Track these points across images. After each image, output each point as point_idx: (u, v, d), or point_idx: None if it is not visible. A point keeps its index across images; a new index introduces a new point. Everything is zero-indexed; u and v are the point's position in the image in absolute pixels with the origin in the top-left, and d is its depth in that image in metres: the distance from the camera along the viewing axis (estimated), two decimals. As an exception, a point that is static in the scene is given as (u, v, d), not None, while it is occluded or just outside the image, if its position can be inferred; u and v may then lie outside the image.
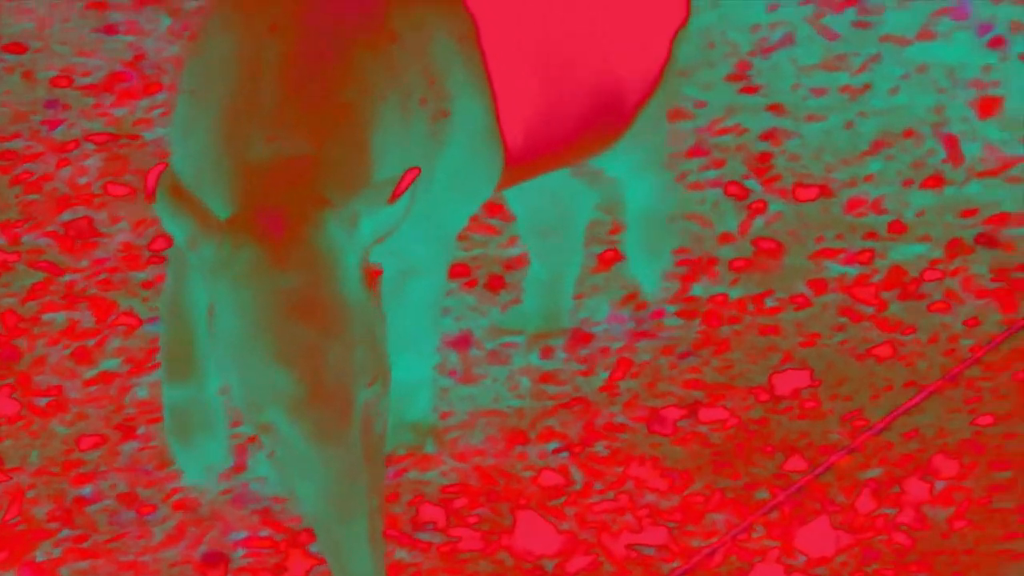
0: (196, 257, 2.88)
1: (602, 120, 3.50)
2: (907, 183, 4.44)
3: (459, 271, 4.10)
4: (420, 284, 3.38)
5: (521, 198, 3.79)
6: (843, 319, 4.00)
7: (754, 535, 3.40)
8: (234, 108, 3.02)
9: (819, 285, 4.11)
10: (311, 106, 3.00)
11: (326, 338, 2.85)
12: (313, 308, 2.86)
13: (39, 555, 3.27)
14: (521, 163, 3.40)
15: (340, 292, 2.88)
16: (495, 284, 4.07)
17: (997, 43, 4.92)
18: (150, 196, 2.83)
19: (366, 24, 3.09)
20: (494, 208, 4.31)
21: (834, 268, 4.16)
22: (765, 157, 4.53)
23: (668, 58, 3.61)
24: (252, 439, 3.54)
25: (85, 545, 3.31)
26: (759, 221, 4.31)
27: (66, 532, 3.33)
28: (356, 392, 2.86)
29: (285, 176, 2.93)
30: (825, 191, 4.42)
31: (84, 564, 3.26)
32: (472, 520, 3.41)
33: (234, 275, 2.87)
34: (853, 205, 4.37)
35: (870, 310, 4.03)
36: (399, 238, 3.27)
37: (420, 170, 2.89)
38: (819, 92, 4.78)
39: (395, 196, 2.88)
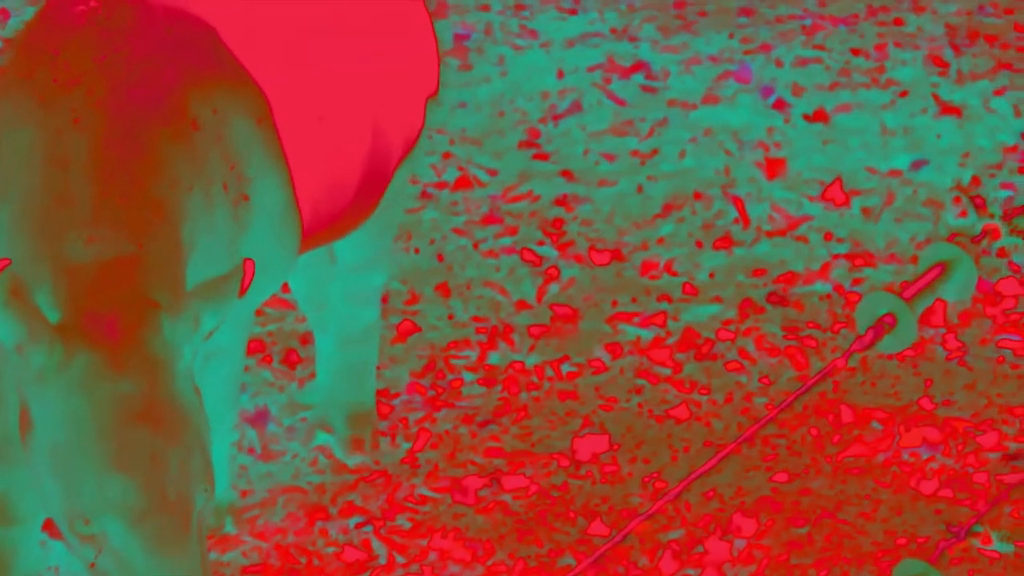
0: (21, 363, 2.79)
1: (372, 186, 3.49)
2: (698, 244, 4.50)
3: (255, 347, 4.06)
4: (221, 365, 3.33)
5: (301, 275, 3.77)
6: (640, 381, 4.04)
7: (559, 602, 3.41)
8: (44, 204, 2.93)
9: (615, 348, 4.14)
10: (126, 204, 2.93)
11: (166, 444, 2.78)
12: (152, 414, 2.78)
13: None
14: (308, 236, 3.39)
15: (177, 396, 2.82)
16: (291, 359, 4.04)
17: (780, 105, 5.03)
18: None
19: (168, 113, 3.05)
20: (286, 284, 4.29)
21: (630, 331, 4.21)
22: (558, 223, 4.57)
23: (421, 124, 3.62)
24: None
25: None
26: (554, 287, 4.34)
27: None
28: (195, 499, 2.80)
29: (111, 278, 2.85)
30: (618, 255, 4.46)
31: None
32: (275, 599, 3.37)
33: (66, 383, 2.78)
34: (646, 268, 4.43)
35: (666, 372, 4.07)
36: None
37: (254, 262, 2.85)
38: (609, 157, 4.84)
39: (244, 289, 2.84)
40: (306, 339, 4.11)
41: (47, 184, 2.94)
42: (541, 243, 4.50)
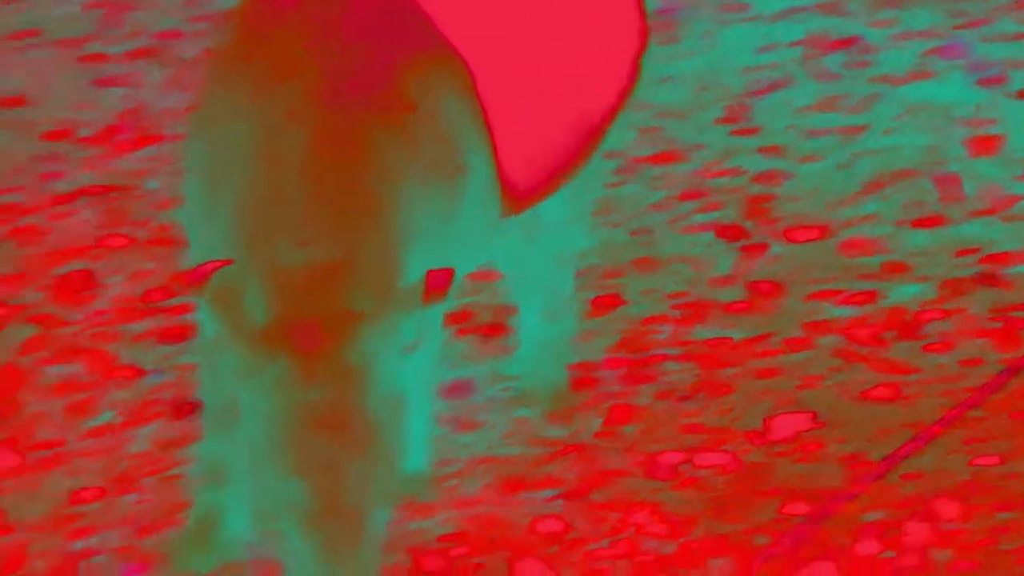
0: (224, 359, 2.84)
1: (580, 146, 3.48)
2: (904, 223, 4.43)
3: (458, 317, 4.09)
4: (427, 346, 3.35)
5: (504, 244, 3.78)
6: (841, 361, 4.00)
7: (755, 580, 3.39)
8: (257, 206, 2.95)
9: (817, 327, 4.10)
10: (338, 206, 2.92)
11: (347, 454, 2.82)
12: (337, 423, 2.82)
13: (38, 610, 3.27)
14: (513, 202, 3.39)
15: (367, 408, 2.84)
16: (493, 330, 4.07)
17: (993, 81, 4.92)
18: (199, 287, 2.79)
19: (383, 100, 3.02)
20: (490, 255, 4.31)
21: (832, 310, 4.16)
22: (761, 199, 4.53)
23: (633, 80, 3.58)
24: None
25: (84, 599, 3.30)
26: (756, 263, 4.31)
27: (65, 586, 3.32)
28: (371, 511, 2.83)
29: (317, 285, 2.87)
30: (822, 232, 4.41)
31: (83, 619, 3.25)
32: (470, 569, 3.39)
33: (264, 385, 2.84)
34: (850, 246, 4.37)
35: (869, 351, 4.02)
36: None
37: (454, 270, 2.85)
38: (815, 133, 4.78)
39: (426, 299, 2.85)
40: (508, 310, 4.14)
41: (261, 185, 2.95)
42: (743, 219, 4.47)
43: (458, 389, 3.88)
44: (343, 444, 2.81)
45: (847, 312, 4.15)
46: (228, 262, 2.82)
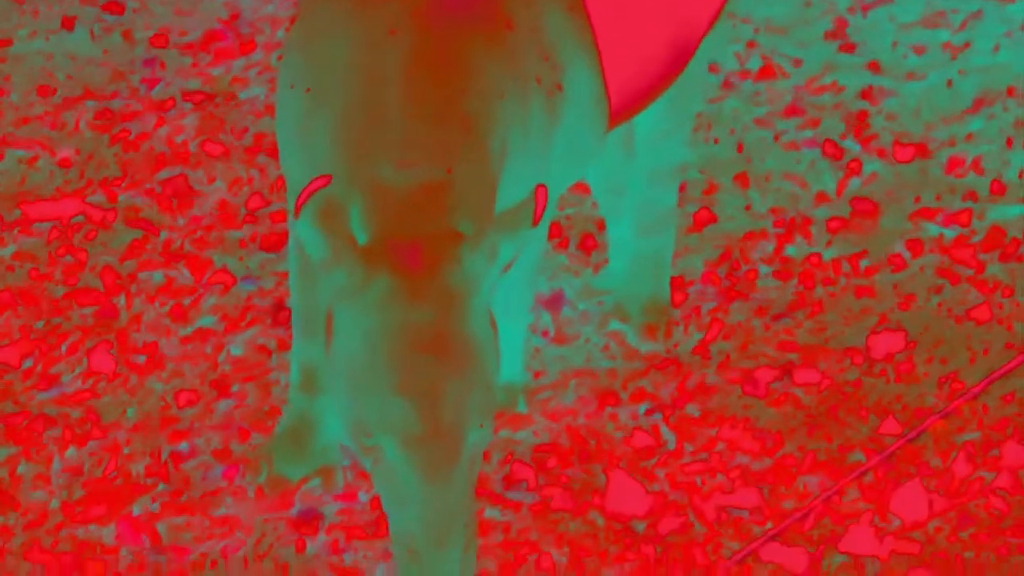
0: (326, 279, 2.85)
1: (677, 59, 3.44)
2: (1008, 142, 4.37)
3: (552, 231, 4.09)
4: (527, 255, 3.35)
5: (598, 160, 3.76)
6: (940, 281, 3.96)
7: (847, 498, 3.38)
8: (359, 123, 2.94)
9: (916, 246, 4.06)
10: (438, 126, 2.91)
11: (448, 376, 2.82)
12: (440, 345, 2.83)
13: (136, 510, 3.31)
14: (613, 116, 3.37)
15: (468, 330, 2.85)
16: (588, 244, 4.06)
17: (1102, 0, 4.83)
18: (298, 211, 2.80)
19: (483, 17, 3.00)
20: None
21: (932, 229, 4.12)
22: (863, 116, 4.49)
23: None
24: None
25: (181, 500, 3.34)
26: (856, 181, 4.27)
27: (162, 488, 3.37)
28: (469, 432, 2.85)
29: (418, 205, 2.87)
30: (923, 151, 4.37)
31: (180, 519, 3.30)
32: (563, 480, 3.41)
33: (364, 304, 2.84)
34: (952, 165, 4.32)
35: (968, 271, 3.98)
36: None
37: (546, 188, 2.82)
38: (919, 50, 4.72)
39: (536, 219, 2.84)
40: (603, 224, 4.13)
41: (362, 102, 2.94)
42: (844, 136, 4.42)
43: (552, 302, 3.89)
44: (445, 366, 2.82)
45: (947, 232, 4.11)
46: (329, 179, 2.82)
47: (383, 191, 2.89)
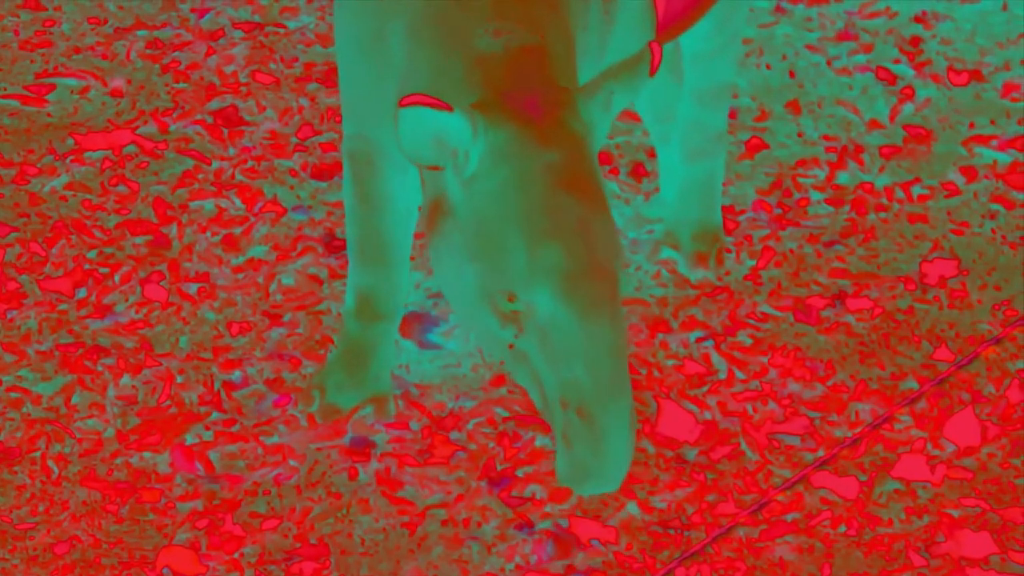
0: (439, 150, 2.85)
1: None
2: (1064, 67, 4.33)
3: (601, 159, 4.08)
4: None
5: (647, 87, 3.74)
6: (995, 207, 3.93)
7: (899, 426, 3.37)
8: (444, 9, 2.99)
9: (970, 172, 4.03)
10: (522, 1, 2.99)
11: (595, 212, 2.85)
12: (580, 183, 2.85)
13: (189, 438, 3.34)
14: (662, 31, 3.36)
15: (596, 169, 2.90)
16: (638, 172, 4.05)
17: None
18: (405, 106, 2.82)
19: None
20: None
21: (986, 154, 4.08)
22: (916, 41, 4.44)
23: None
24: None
25: (234, 429, 3.36)
26: (909, 107, 4.24)
27: (215, 416, 3.39)
28: (619, 268, 2.87)
29: (523, 64, 2.92)
30: (978, 75, 4.32)
31: (233, 447, 3.32)
32: (614, 408, 3.41)
33: (492, 155, 2.86)
34: (1008, 89, 4.28)
35: (1023, 197, 3.95)
36: None
37: (662, 46, 2.88)
38: (974, -26, 4.67)
39: (654, 69, 2.88)
40: (653, 152, 4.11)
41: None
42: (897, 61, 4.38)
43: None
44: (588, 203, 2.84)
45: (1002, 157, 4.07)
46: (447, 107, 2.85)
47: (485, 57, 2.93)
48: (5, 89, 4.32)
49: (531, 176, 2.84)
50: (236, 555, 3.12)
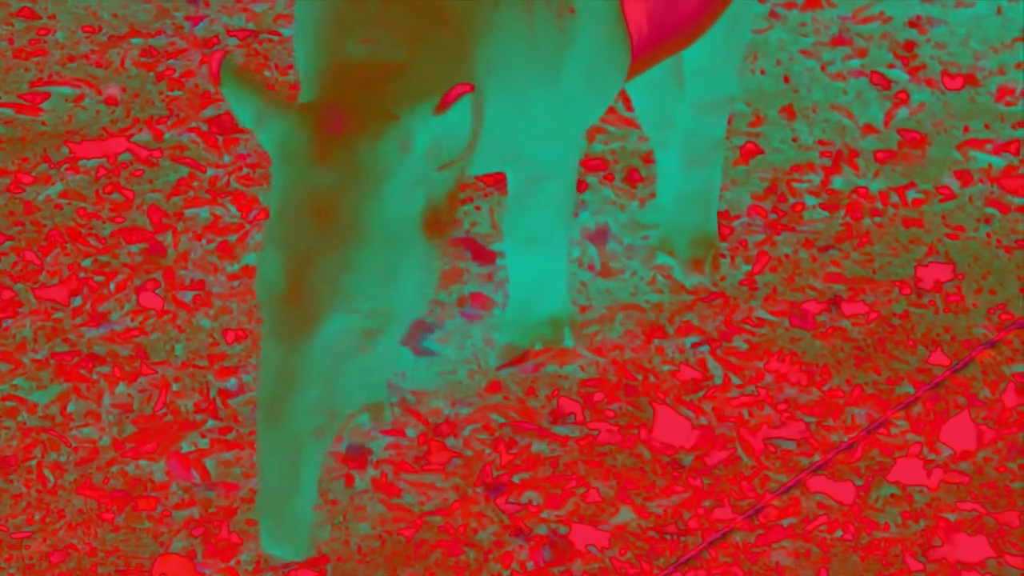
0: (261, 134, 2.90)
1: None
2: (1058, 71, 4.33)
3: (597, 165, 4.08)
4: (550, 188, 3.35)
5: (646, 93, 3.74)
6: (990, 210, 3.93)
7: (895, 430, 3.38)
8: (341, 6, 3.01)
9: (965, 176, 4.03)
10: (411, 10, 2.97)
11: (327, 245, 2.84)
12: (329, 212, 2.85)
13: (185, 446, 3.33)
14: (645, 52, 3.36)
15: (369, 212, 2.86)
16: (633, 177, 4.05)
17: None
18: (215, 79, 2.85)
19: None
20: (629, 100, 4.27)
21: (981, 158, 4.09)
22: (910, 45, 4.45)
23: None
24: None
25: (230, 437, 3.36)
26: (903, 111, 4.24)
27: (211, 424, 3.39)
28: (331, 309, 2.85)
29: (368, 79, 2.91)
30: (972, 79, 4.32)
31: (228, 455, 3.32)
32: (610, 414, 3.41)
33: (283, 156, 2.90)
34: (1002, 93, 4.28)
35: (1018, 201, 3.95)
36: (527, 141, 3.24)
37: (471, 88, 2.83)
38: (968, -22, 4.67)
39: (440, 108, 2.84)
40: (648, 158, 4.11)
41: None
42: (891, 66, 4.39)
43: (598, 236, 3.88)
44: (327, 234, 2.84)
45: (996, 161, 4.08)
46: (227, 52, 2.88)
47: (342, 63, 2.94)
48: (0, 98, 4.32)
49: (294, 188, 2.86)
50: (232, 563, 3.11)
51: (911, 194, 3.99)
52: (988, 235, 3.86)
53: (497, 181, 4.00)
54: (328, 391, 2.90)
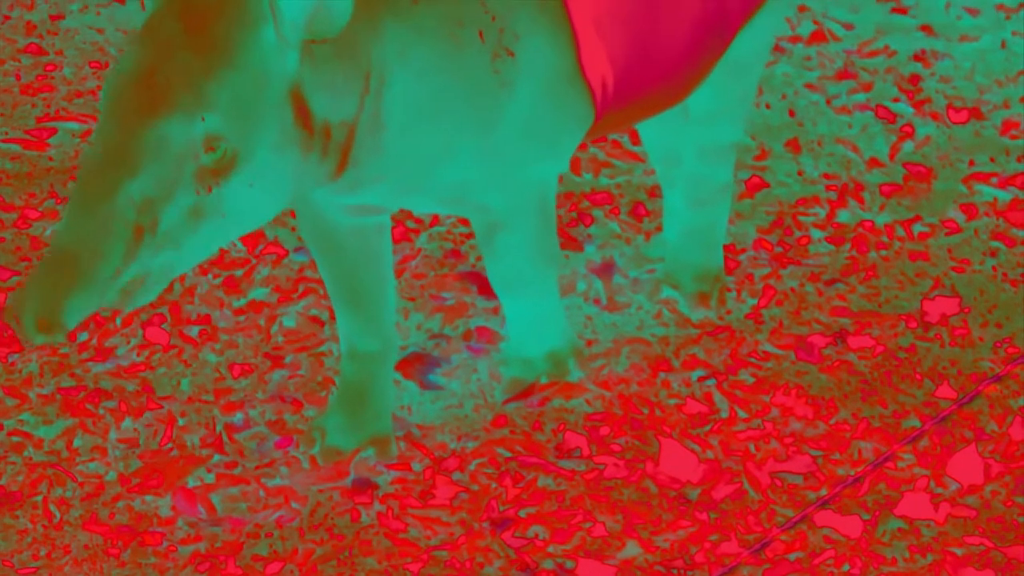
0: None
1: (707, 46, 3.38)
2: (1063, 104, 4.34)
3: (602, 199, 4.08)
4: (511, 237, 3.28)
5: (653, 130, 3.72)
6: (996, 244, 3.93)
7: (902, 464, 3.37)
8: None
9: (971, 210, 4.03)
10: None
11: (193, 46, 2.81)
12: (203, 23, 2.83)
13: (191, 481, 3.33)
14: (616, 108, 3.30)
15: (237, 36, 2.83)
16: (638, 212, 4.05)
17: None
18: None
19: None
20: (638, 136, 4.28)
21: (987, 192, 4.09)
22: (915, 79, 4.45)
23: None
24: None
25: (236, 472, 3.36)
26: (909, 145, 4.24)
27: (217, 459, 3.38)
28: (180, 103, 2.81)
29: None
30: (977, 113, 4.33)
31: (234, 490, 3.31)
32: (616, 448, 3.41)
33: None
34: (1007, 127, 4.29)
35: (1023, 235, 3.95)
36: (464, 184, 3.18)
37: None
38: (972, 11, 4.68)
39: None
40: (653, 192, 4.11)
41: None
42: (896, 100, 4.39)
43: (603, 270, 3.88)
44: (193, 38, 2.83)
45: (1002, 195, 4.08)
46: None
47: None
48: (7, 133, 4.33)
49: None
50: (238, 598, 3.11)
51: (917, 228, 3.99)
52: (994, 268, 3.86)
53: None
54: (161, 194, 2.84)
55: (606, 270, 3.88)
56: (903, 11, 4.69)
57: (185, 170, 2.84)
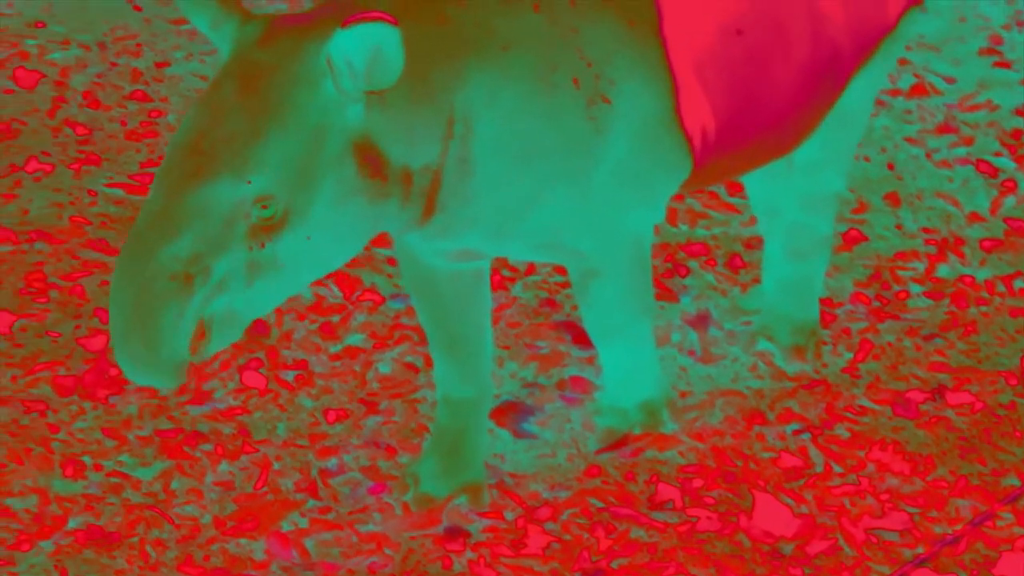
0: (215, 36, 2.91)
1: (814, 98, 3.34)
2: None
3: (699, 250, 4.07)
4: (603, 286, 3.27)
5: (757, 180, 3.71)
6: (1098, 301, 3.89)
7: (1001, 523, 3.33)
8: None
9: (1073, 266, 3.99)
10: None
11: (242, 108, 2.84)
12: (256, 82, 2.86)
13: (285, 525, 3.35)
14: (719, 157, 3.26)
15: (292, 94, 2.86)
16: (735, 263, 4.04)
17: None
18: None
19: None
20: (735, 187, 4.27)
21: (1089, 248, 4.04)
22: (1018, 134, 4.42)
23: (890, 28, 3.44)
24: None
25: (329, 517, 3.37)
26: (1010, 200, 4.20)
27: (311, 503, 3.40)
28: (225, 167, 2.84)
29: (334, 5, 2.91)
30: (1081, 169, 4.29)
31: (328, 535, 3.33)
32: (710, 501, 3.39)
33: (233, 49, 2.92)
34: (1111, 183, 4.24)
35: None
36: (559, 230, 3.18)
37: (394, 21, 2.79)
38: (1076, 66, 4.64)
39: (347, 23, 2.82)
40: (750, 244, 4.10)
41: None
42: (998, 154, 4.36)
43: (698, 321, 3.87)
44: (244, 100, 2.86)
45: (1105, 251, 4.03)
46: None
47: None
48: (112, 178, 4.39)
49: (226, 63, 2.90)
50: (329, 643, 3.11)
51: (1018, 283, 3.95)
52: (1096, 326, 3.82)
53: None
54: (210, 251, 2.88)
55: (701, 321, 3.87)
56: (1006, 65, 4.66)
57: (236, 229, 2.88)
